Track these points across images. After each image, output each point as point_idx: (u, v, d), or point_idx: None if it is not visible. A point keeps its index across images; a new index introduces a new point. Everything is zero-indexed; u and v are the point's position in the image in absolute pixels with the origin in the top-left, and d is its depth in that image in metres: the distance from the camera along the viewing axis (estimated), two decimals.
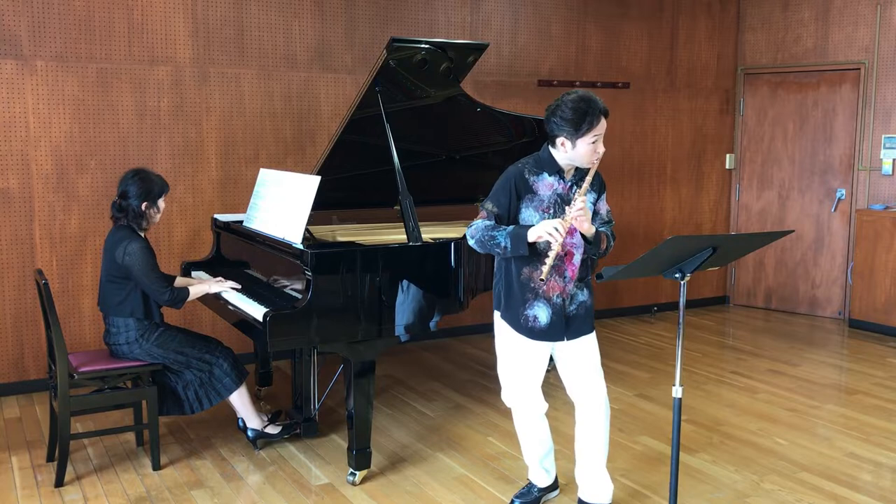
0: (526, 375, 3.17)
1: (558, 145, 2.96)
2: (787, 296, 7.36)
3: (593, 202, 3.09)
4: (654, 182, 7.17)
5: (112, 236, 3.75)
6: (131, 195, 3.72)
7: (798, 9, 7.05)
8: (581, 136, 2.89)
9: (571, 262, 3.04)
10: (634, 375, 5.37)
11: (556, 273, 3.03)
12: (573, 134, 2.89)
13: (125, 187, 3.74)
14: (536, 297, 3.06)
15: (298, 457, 3.97)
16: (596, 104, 2.90)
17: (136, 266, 3.65)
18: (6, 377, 4.89)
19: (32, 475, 3.76)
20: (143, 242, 3.70)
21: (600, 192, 3.11)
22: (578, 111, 2.87)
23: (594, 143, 2.91)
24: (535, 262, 3.02)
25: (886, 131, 6.63)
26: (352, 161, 4.36)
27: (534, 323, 3.08)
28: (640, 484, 3.68)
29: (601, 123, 2.90)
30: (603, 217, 3.13)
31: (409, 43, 3.83)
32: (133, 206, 3.72)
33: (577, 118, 2.87)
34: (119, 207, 3.74)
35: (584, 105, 2.88)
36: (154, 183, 3.77)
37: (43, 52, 4.78)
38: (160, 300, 3.72)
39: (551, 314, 3.06)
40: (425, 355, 5.85)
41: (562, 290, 3.05)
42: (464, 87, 4.29)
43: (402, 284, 3.62)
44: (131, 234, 3.72)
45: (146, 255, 3.67)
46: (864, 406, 4.79)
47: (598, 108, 2.89)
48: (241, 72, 5.35)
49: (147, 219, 3.77)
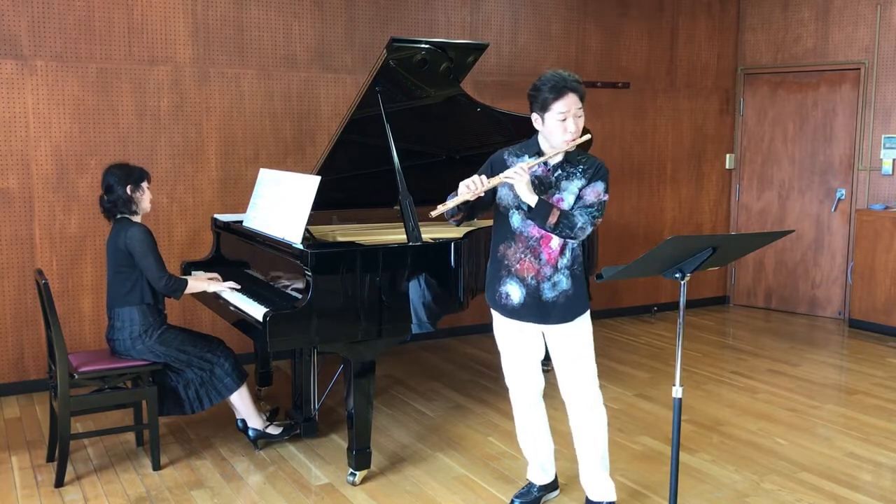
0: (512, 354, 3.23)
1: (534, 123, 3.01)
2: (787, 296, 7.36)
3: (580, 188, 3.01)
4: (654, 182, 7.17)
5: (112, 231, 3.82)
6: (114, 185, 3.78)
7: (798, 9, 7.05)
8: (547, 111, 2.93)
9: (548, 245, 3.04)
10: (634, 375, 5.37)
11: (530, 254, 3.05)
12: (540, 107, 2.94)
13: (106, 181, 3.81)
14: (509, 275, 3.11)
15: (298, 457, 3.98)
16: (564, 79, 2.92)
17: (137, 247, 3.69)
18: (6, 377, 4.89)
19: (32, 475, 3.76)
20: (143, 226, 3.77)
21: (591, 181, 3.01)
22: (546, 84, 2.92)
23: (563, 121, 2.92)
24: (510, 240, 3.08)
25: (886, 131, 6.63)
26: (352, 161, 4.36)
27: (506, 300, 3.13)
28: (640, 484, 3.68)
29: (568, 98, 2.91)
30: (585, 202, 2.99)
31: (409, 43, 3.83)
32: (119, 193, 3.78)
33: (543, 90, 2.92)
34: (108, 201, 3.80)
35: (552, 79, 2.92)
36: (132, 169, 3.85)
37: (43, 52, 4.78)
38: (158, 284, 3.74)
39: (525, 295, 3.08)
40: (425, 355, 5.85)
41: (536, 272, 3.06)
42: (464, 87, 4.28)
43: (401, 284, 3.62)
44: (129, 222, 3.79)
45: (146, 236, 3.73)
46: (864, 406, 4.79)
47: (566, 84, 2.91)
48: (241, 72, 5.35)
49: (136, 202, 3.82)
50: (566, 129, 2.93)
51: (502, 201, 3.09)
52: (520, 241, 3.07)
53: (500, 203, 3.10)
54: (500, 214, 3.13)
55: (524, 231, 3.05)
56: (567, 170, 3.03)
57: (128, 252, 3.71)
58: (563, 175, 3.03)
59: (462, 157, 4.68)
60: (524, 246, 3.06)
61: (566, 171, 3.03)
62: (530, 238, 3.05)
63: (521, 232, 3.06)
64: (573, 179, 3.02)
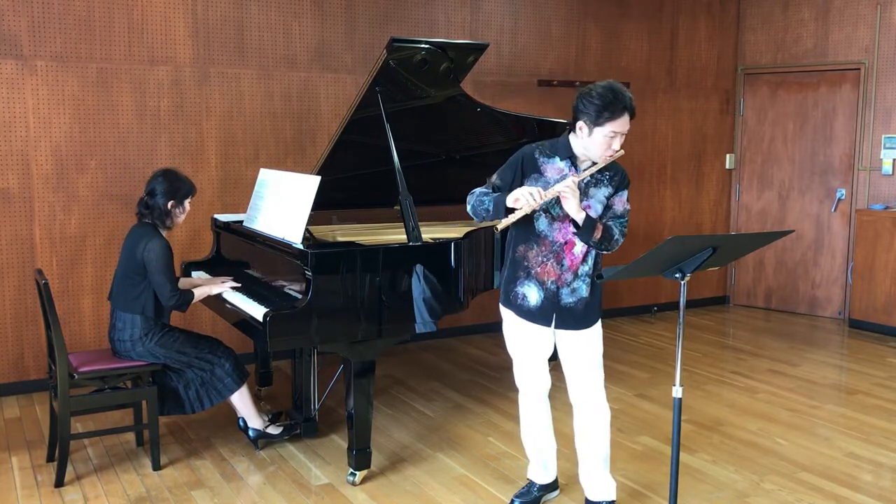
0: (523, 354, 3.22)
1: (577, 129, 2.96)
2: (787, 296, 7.36)
3: (607, 196, 3.04)
4: (654, 182, 7.17)
5: (134, 232, 3.79)
6: (158, 193, 3.76)
7: (798, 9, 7.05)
8: (598, 125, 2.89)
9: (571, 251, 3.03)
10: (634, 375, 5.37)
11: (553, 258, 3.04)
12: (592, 120, 2.90)
13: (153, 185, 3.78)
14: (528, 277, 3.09)
15: (298, 457, 3.98)
16: (622, 98, 2.89)
17: (153, 262, 3.67)
18: (6, 377, 4.89)
19: (32, 475, 3.76)
20: (165, 242, 3.73)
21: (618, 189, 3.05)
22: (603, 98, 2.88)
23: (611, 138, 2.90)
24: (532, 241, 3.06)
25: (886, 131, 6.63)
26: (352, 161, 4.36)
27: (522, 301, 3.12)
28: (640, 484, 3.68)
29: (623, 119, 2.90)
30: (616, 212, 3.06)
31: (409, 43, 3.83)
32: (159, 204, 3.76)
33: (599, 105, 2.87)
34: (146, 205, 3.79)
35: (610, 95, 2.88)
36: (182, 182, 3.82)
37: (43, 52, 4.78)
38: (167, 302, 3.72)
39: (543, 298, 3.07)
40: (425, 355, 5.85)
41: (557, 277, 3.05)
42: (464, 87, 4.28)
43: (402, 284, 3.62)
44: (154, 232, 3.76)
45: (165, 253, 3.70)
46: (864, 406, 4.79)
47: (624, 103, 2.89)
48: (241, 72, 5.35)
49: (172, 217, 3.81)
50: (611, 145, 2.92)
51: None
52: (543, 245, 3.05)
53: None
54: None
55: (549, 235, 3.03)
56: (595, 176, 3.03)
57: (142, 263, 3.69)
58: (591, 182, 3.02)
59: (462, 157, 4.68)
60: (547, 250, 3.04)
61: (594, 177, 3.03)
62: (555, 243, 3.03)
63: (545, 236, 3.04)
64: (601, 187, 3.02)
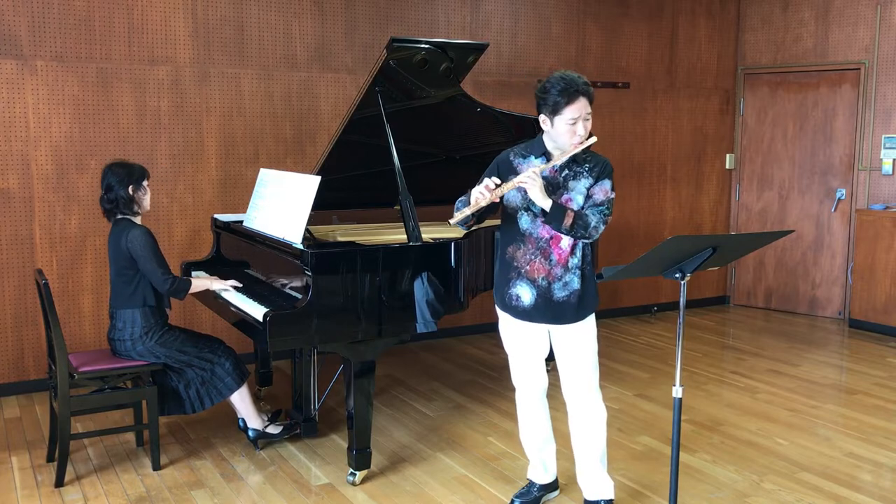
0: (520, 354, 3.23)
1: (542, 124, 3.00)
2: (787, 296, 7.36)
3: (588, 187, 3.03)
4: (654, 182, 7.17)
5: (113, 231, 3.80)
6: (115, 185, 3.76)
7: (798, 9, 7.05)
8: (558, 114, 2.92)
9: (558, 246, 3.03)
10: (634, 375, 5.37)
11: (540, 255, 3.04)
12: (551, 110, 2.93)
13: (107, 181, 3.78)
14: (519, 277, 3.09)
15: (298, 457, 3.98)
16: (574, 82, 2.91)
17: (139, 250, 3.67)
18: (6, 377, 4.89)
19: (32, 475, 3.76)
20: (144, 228, 3.75)
21: (598, 179, 3.03)
22: (556, 87, 2.91)
23: (572, 124, 2.92)
24: (518, 241, 3.07)
25: (886, 131, 6.63)
26: (352, 161, 4.36)
27: (517, 302, 3.11)
28: (640, 484, 3.68)
29: (579, 103, 2.91)
30: (595, 201, 3.01)
31: (409, 43, 3.82)
32: (120, 194, 3.76)
33: (554, 94, 2.90)
34: (108, 201, 3.78)
35: (562, 83, 2.91)
36: (132, 167, 3.82)
37: (43, 52, 4.78)
38: (162, 287, 3.73)
39: (536, 296, 3.07)
40: (425, 355, 5.85)
41: (547, 273, 3.05)
42: (464, 87, 4.28)
43: (402, 284, 3.62)
44: (131, 224, 3.77)
45: (148, 239, 3.71)
46: (864, 406, 4.79)
47: (577, 87, 2.91)
48: (241, 72, 5.35)
49: (138, 202, 3.81)
50: (575, 132, 2.93)
51: (510, 203, 3.07)
52: (529, 243, 3.06)
53: (508, 205, 3.08)
54: (508, 216, 3.12)
55: (533, 232, 3.04)
56: (574, 169, 3.03)
57: (129, 255, 3.70)
58: (570, 175, 3.03)
59: (462, 158, 4.68)
60: (534, 247, 3.05)
61: (573, 170, 3.03)
62: (540, 239, 3.04)
63: (530, 233, 3.05)
64: (580, 179, 3.02)
